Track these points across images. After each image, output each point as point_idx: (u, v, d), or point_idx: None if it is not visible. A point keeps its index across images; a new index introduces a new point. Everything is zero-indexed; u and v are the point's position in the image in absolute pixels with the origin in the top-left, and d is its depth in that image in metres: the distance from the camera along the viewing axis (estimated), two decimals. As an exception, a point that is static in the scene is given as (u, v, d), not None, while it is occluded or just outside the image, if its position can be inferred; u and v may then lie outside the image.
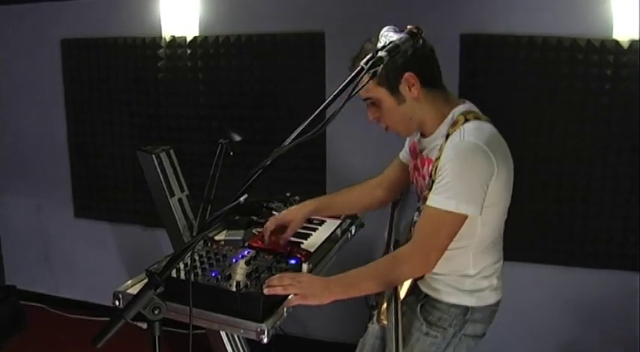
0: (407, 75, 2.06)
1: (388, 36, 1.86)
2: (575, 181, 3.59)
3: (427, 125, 2.19)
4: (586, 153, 3.54)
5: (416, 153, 2.34)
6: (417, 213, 2.31)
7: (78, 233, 4.90)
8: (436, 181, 2.02)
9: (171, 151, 3.20)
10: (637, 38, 3.39)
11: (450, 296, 2.23)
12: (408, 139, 2.52)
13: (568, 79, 3.51)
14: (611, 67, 3.45)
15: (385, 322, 2.24)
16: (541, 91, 3.56)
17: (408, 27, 1.86)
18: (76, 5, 4.49)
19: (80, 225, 4.87)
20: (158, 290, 1.58)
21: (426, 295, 2.28)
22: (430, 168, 2.13)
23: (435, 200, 2.00)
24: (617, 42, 3.43)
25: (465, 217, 2.02)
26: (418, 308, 2.28)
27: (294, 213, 2.58)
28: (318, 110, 1.66)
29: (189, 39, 4.18)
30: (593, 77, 3.48)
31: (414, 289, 2.29)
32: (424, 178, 2.22)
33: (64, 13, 4.55)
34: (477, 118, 2.10)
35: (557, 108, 3.54)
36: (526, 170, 3.50)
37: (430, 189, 2.05)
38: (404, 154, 2.56)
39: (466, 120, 2.07)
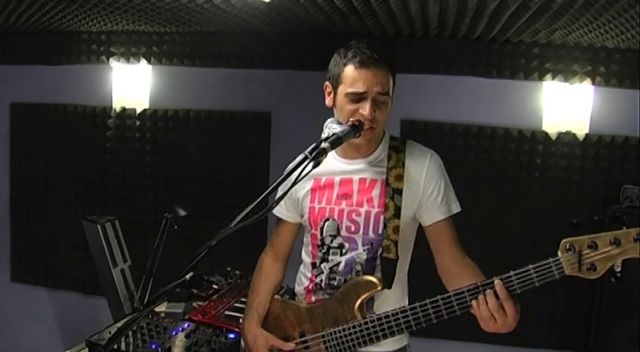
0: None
1: (332, 127, 1.94)
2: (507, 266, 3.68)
3: (375, 140, 2.10)
4: (518, 238, 3.73)
5: (332, 183, 2.11)
6: (338, 244, 2.09)
7: (13, 298, 4.80)
8: (435, 193, 2.08)
9: (116, 222, 3.26)
10: (564, 130, 3.66)
11: (395, 342, 2.05)
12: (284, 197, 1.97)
13: (501, 167, 3.75)
14: (541, 156, 3.69)
15: None
16: (475, 178, 3.74)
17: (351, 119, 1.96)
18: (29, 70, 4.56)
19: (16, 289, 4.79)
20: (102, 363, 1.63)
21: None
22: (383, 181, 2.04)
23: (449, 208, 2.11)
24: (546, 133, 3.68)
25: None
26: None
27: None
28: (263, 195, 1.69)
29: (138, 111, 4.29)
30: (523, 166, 3.71)
31: None
32: (369, 201, 2.05)
33: (16, 77, 4.61)
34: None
35: (490, 194, 3.73)
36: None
37: (392, 200, 2.00)
38: (287, 214, 2.25)
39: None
